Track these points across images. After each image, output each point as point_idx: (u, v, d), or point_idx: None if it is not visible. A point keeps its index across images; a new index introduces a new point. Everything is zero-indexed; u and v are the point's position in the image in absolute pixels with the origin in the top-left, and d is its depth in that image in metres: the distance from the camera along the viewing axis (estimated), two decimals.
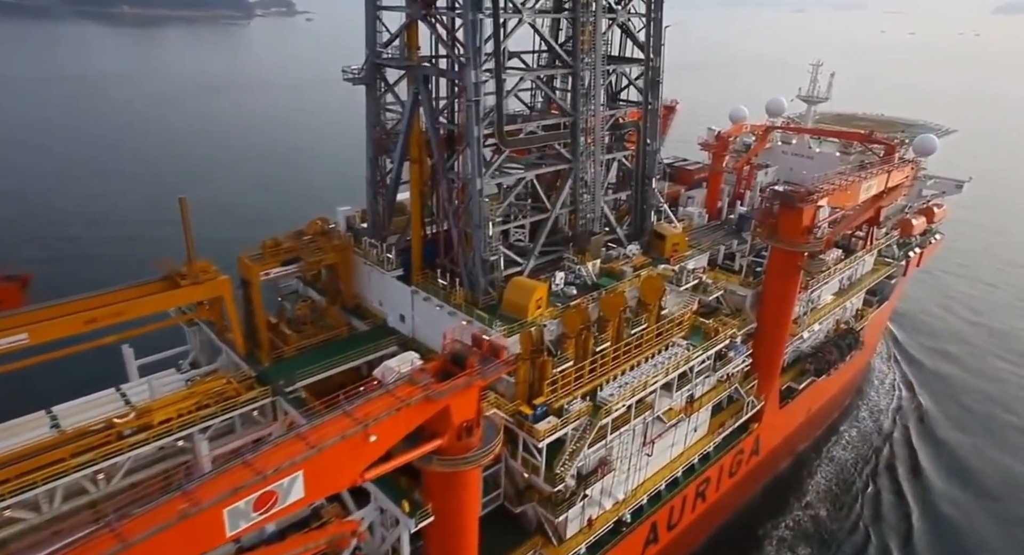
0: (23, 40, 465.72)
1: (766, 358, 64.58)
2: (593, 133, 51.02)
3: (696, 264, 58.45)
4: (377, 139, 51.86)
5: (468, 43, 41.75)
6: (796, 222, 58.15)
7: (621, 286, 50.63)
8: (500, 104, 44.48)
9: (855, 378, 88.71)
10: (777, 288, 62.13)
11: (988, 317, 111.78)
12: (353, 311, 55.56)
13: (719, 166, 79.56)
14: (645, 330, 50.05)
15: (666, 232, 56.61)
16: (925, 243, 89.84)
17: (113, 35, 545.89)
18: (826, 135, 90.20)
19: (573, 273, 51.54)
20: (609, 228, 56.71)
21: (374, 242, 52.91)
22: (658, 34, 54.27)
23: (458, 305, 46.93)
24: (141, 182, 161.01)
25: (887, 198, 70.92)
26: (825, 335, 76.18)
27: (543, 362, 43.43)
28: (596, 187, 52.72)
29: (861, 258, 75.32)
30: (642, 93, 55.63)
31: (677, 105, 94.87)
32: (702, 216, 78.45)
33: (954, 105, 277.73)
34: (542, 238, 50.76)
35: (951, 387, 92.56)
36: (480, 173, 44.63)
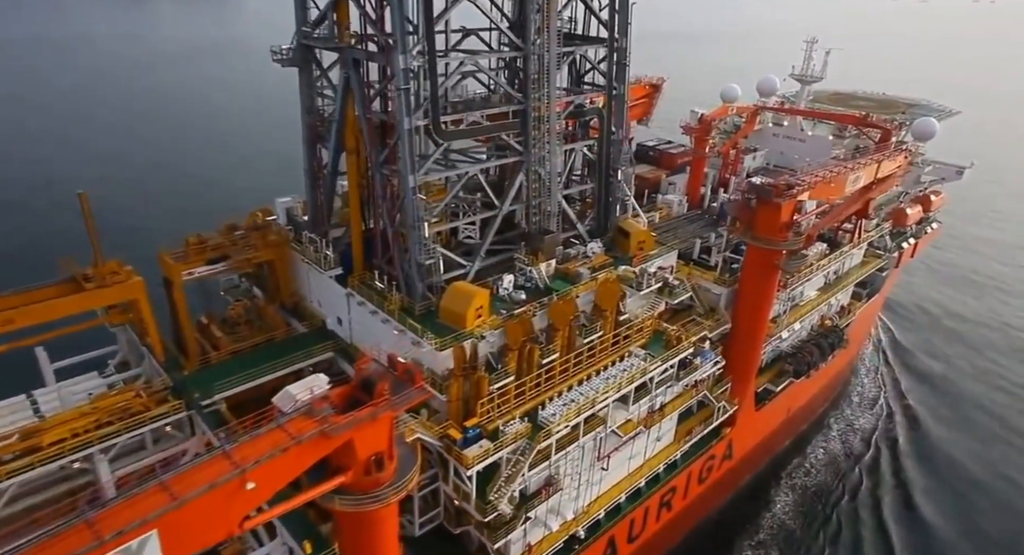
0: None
1: (740, 361, 60.54)
2: (547, 122, 46.35)
3: (664, 262, 54.05)
4: (312, 126, 47.38)
5: (394, 23, 37.06)
6: (774, 218, 53.67)
7: (575, 291, 46.40)
8: (435, 92, 39.83)
9: (842, 373, 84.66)
10: (753, 288, 57.86)
11: (986, 309, 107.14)
12: (292, 310, 51.70)
13: (702, 151, 74.74)
14: (600, 339, 46.07)
15: (630, 229, 52.15)
16: (920, 233, 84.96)
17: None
18: (819, 117, 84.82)
19: (524, 275, 47.34)
20: (569, 225, 52.28)
21: (314, 237, 48.76)
22: (624, 11, 49.17)
23: (392, 312, 42.89)
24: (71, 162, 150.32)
25: (877, 189, 66.04)
26: (809, 331, 71.98)
27: (478, 379, 39.52)
28: (552, 181, 48.21)
29: (848, 253, 70.68)
30: (605, 77, 50.67)
31: (663, 83, 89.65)
32: (682, 204, 73.88)
33: (964, 81, 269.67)
34: (489, 238, 46.47)
35: (940, 380, 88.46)
36: (413, 169, 40.23)
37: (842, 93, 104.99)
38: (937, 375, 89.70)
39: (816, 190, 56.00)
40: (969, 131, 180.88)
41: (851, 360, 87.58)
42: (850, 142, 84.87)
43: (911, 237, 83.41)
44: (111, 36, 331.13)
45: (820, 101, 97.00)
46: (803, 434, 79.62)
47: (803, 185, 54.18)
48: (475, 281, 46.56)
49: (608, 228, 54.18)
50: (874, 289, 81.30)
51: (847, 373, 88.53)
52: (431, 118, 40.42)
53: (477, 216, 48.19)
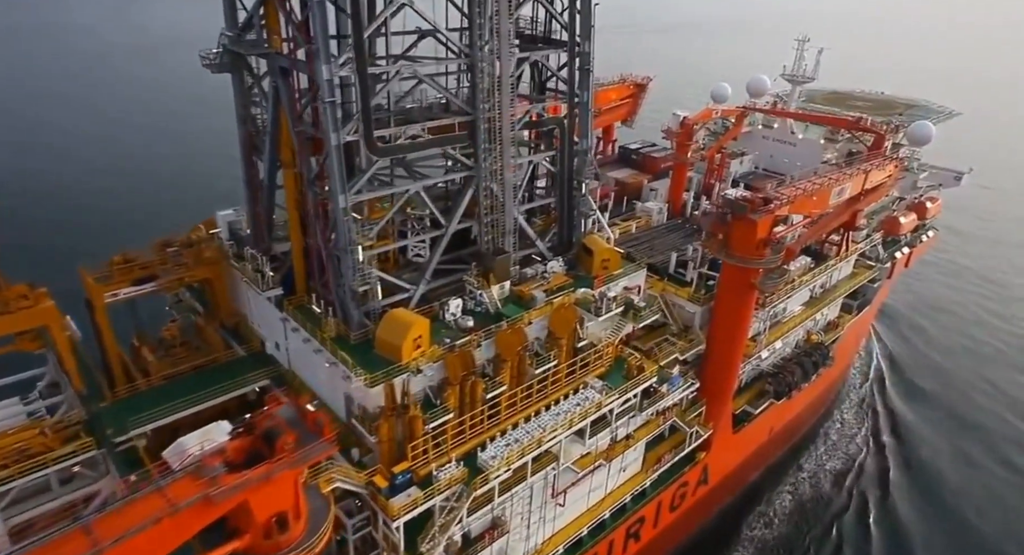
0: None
1: (716, 383, 57.00)
2: (500, 133, 42.67)
3: (631, 281, 50.39)
4: (247, 136, 43.84)
5: (315, 29, 33.40)
6: (749, 235, 50.00)
7: (527, 317, 42.88)
8: (366, 103, 36.13)
9: (831, 387, 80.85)
10: (729, 307, 54.25)
11: (986, 316, 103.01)
12: (233, 331, 48.38)
13: (683, 156, 70.77)
14: (554, 369, 42.58)
15: (594, 246, 48.46)
16: (915, 242, 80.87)
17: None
18: (808, 120, 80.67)
19: (474, 299, 43.83)
20: (529, 242, 48.67)
21: (255, 253, 45.35)
22: (586, 12, 45.29)
23: (326, 340, 39.48)
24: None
25: (866, 200, 62.12)
26: (793, 347, 68.26)
27: (411, 418, 36.12)
28: (506, 197, 44.56)
29: (835, 267, 66.79)
30: (567, 84, 46.85)
31: (649, 82, 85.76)
32: (662, 212, 70.18)
33: (967, 77, 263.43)
34: (434, 260, 42.89)
35: (934, 394, 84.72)
36: (344, 188, 36.66)
37: (840, 92, 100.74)
38: (931, 388, 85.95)
39: (796, 204, 52.20)
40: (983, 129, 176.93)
41: (842, 372, 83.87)
42: (843, 146, 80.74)
43: (905, 246, 79.40)
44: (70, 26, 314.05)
45: (816, 101, 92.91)
46: (790, 451, 76.22)
47: (781, 199, 50.44)
48: (422, 305, 43.15)
49: (572, 245, 50.48)
50: (866, 301, 77.39)
51: (838, 385, 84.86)
52: (363, 132, 36.77)
53: (427, 234, 44.59)
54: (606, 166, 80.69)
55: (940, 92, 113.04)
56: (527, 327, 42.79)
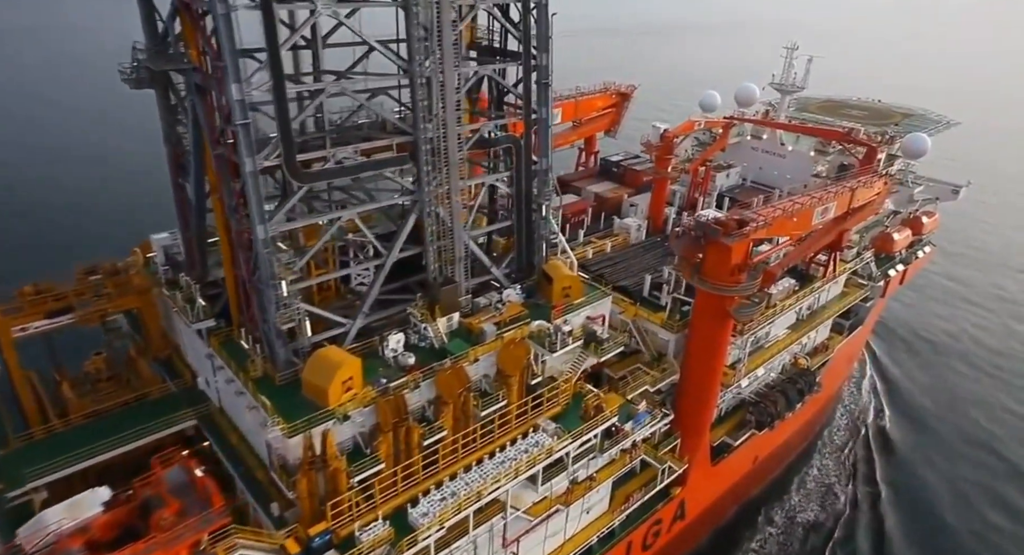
0: None
1: (691, 415, 53.32)
2: (446, 154, 39.18)
3: (595, 311, 46.74)
4: (175, 157, 40.51)
5: (221, 44, 29.97)
6: (723, 260, 46.32)
7: (474, 353, 39.33)
8: (285, 125, 32.69)
9: (823, 410, 76.79)
10: (704, 335, 50.53)
11: (986, 332, 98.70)
12: (166, 364, 45.04)
13: (663, 170, 67.06)
14: (504, 410, 39.02)
15: (554, 273, 44.87)
16: (910, 258, 76.90)
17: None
18: (797, 131, 76.81)
19: (418, 333, 40.33)
20: (484, 269, 45.15)
21: (189, 281, 42.01)
22: (543, 22, 41.72)
23: (249, 381, 36.04)
24: None
25: (853, 220, 58.30)
26: (779, 372, 64.44)
27: (333, 473, 32.61)
28: (455, 222, 41.04)
29: (823, 288, 62.92)
30: (522, 100, 43.27)
31: (633, 91, 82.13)
32: (641, 230, 66.52)
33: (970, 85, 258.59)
34: (375, 290, 39.36)
35: (931, 417, 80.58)
36: (262, 218, 33.22)
37: (835, 101, 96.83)
38: (929, 411, 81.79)
39: (775, 226, 48.49)
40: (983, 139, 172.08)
41: (834, 393, 79.89)
42: (834, 158, 76.94)
43: (900, 263, 75.44)
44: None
45: (809, 110, 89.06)
46: (778, 478, 72.34)
47: (758, 222, 46.75)
48: (362, 340, 39.65)
49: (532, 271, 46.91)
50: (858, 320, 73.44)
51: (831, 406, 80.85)
52: (284, 157, 33.31)
53: (372, 262, 41.08)
54: (586, 179, 77.20)
55: (940, 101, 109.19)
56: (474, 364, 39.36)
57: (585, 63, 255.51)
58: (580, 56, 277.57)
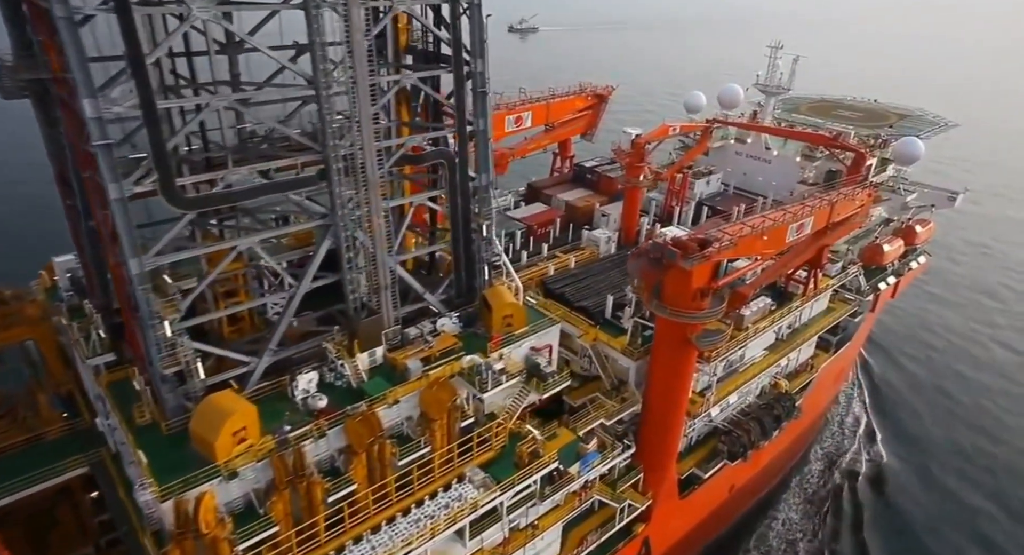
0: None
1: (655, 448, 49.18)
2: (363, 173, 34.93)
3: (540, 341, 42.43)
4: (59, 174, 36.40)
5: (68, 55, 25.78)
6: (683, 285, 42.02)
7: (394, 394, 35.16)
8: (159, 145, 28.47)
9: (808, 431, 72.17)
10: (666, 364, 46.32)
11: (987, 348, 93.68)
12: (67, 400, 41.08)
13: (635, 179, 62.52)
14: (427, 458, 34.84)
15: (494, 300, 40.57)
16: (903, 270, 72.13)
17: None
18: (780, 135, 72.09)
19: (334, 371, 36.19)
20: (417, 296, 40.92)
21: (92, 309, 38.07)
22: (476, 24, 37.29)
23: (130, 431, 32.03)
24: None
25: (833, 235, 53.69)
26: (757, 395, 60.01)
27: (212, 541, 28.53)
28: (377, 246, 36.80)
29: (803, 307, 58.33)
30: (454, 111, 38.87)
31: (611, 92, 77.48)
32: (611, 242, 62.09)
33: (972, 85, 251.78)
34: (283, 325, 35.15)
35: (926, 441, 75.92)
36: (134, 251, 29.08)
37: (828, 100, 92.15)
38: (923, 435, 77.14)
39: (742, 246, 44.04)
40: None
41: (822, 411, 75.37)
42: (821, 164, 72.15)
43: (892, 276, 70.72)
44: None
45: (800, 111, 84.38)
46: (761, 501, 68.11)
47: (722, 242, 42.32)
48: (275, 378, 35.51)
49: (474, 296, 42.65)
50: (846, 336, 68.84)
51: (818, 425, 76.32)
52: (159, 180, 29.12)
53: (287, 291, 36.89)
54: (558, 186, 72.81)
55: (940, 100, 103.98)
56: (393, 407, 35.21)
57: (573, 60, 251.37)
58: (571, 53, 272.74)
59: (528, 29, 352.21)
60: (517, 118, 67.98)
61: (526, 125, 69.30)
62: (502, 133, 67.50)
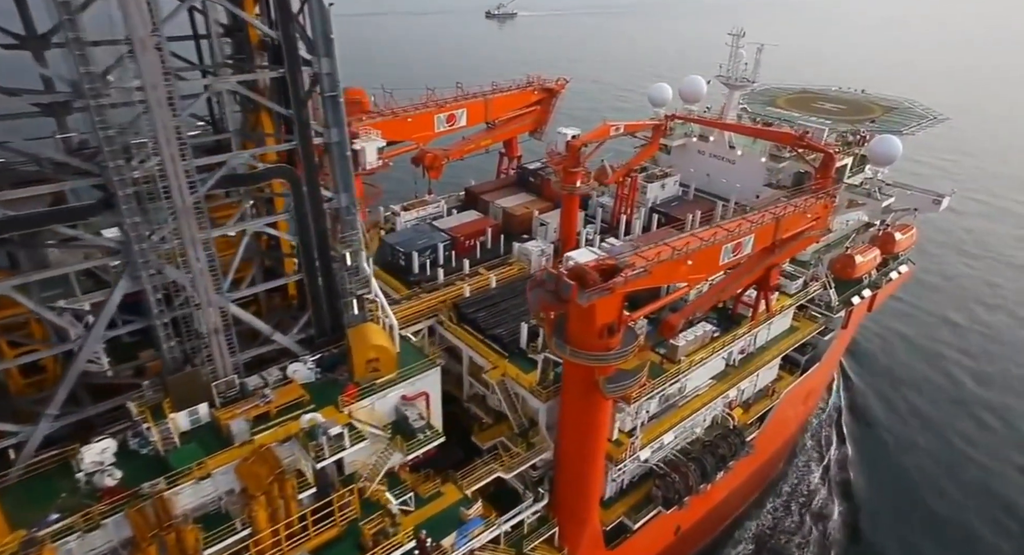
0: None
1: (570, 498, 42.82)
2: (170, 198, 28.51)
3: (413, 388, 35.91)
4: None
5: None
6: (587, 322, 35.39)
7: (206, 467, 28.91)
8: None
9: (771, 460, 65.20)
10: (577, 408, 39.72)
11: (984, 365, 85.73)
12: None
13: (571, 186, 55.54)
14: (241, 545, 28.62)
15: (355, 341, 34.10)
16: (880, 282, 64.74)
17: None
18: (738, 131, 64.62)
19: (139, 436, 30.01)
20: (264, 338, 34.53)
21: None
22: (318, 15, 30.55)
23: None
24: None
25: (784, 253, 46.61)
26: (708, 426, 53.31)
27: None
28: (198, 285, 30.43)
29: (756, 331, 51.36)
30: (292, 120, 32.14)
31: (563, 87, 70.39)
32: (546, 256, 55.22)
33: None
34: (64, 387, 28.95)
35: (904, 470, 68.68)
36: None
37: (809, 92, 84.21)
38: (906, 465, 69.89)
39: (658, 274, 37.24)
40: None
41: (789, 438, 68.39)
42: (789, 165, 64.66)
43: (867, 289, 63.37)
44: None
45: (777, 103, 76.64)
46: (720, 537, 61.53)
47: (634, 270, 35.55)
48: (66, 445, 29.39)
49: (338, 336, 36.21)
50: (816, 355, 61.80)
51: (786, 451, 69.42)
52: None
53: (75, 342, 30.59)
54: (498, 191, 65.95)
55: (935, 90, 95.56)
56: (207, 481, 28.96)
57: (551, 48, 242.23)
58: (550, 40, 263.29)
59: (506, 15, 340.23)
60: (449, 116, 61.33)
61: (460, 124, 62.63)
62: (431, 133, 61.02)
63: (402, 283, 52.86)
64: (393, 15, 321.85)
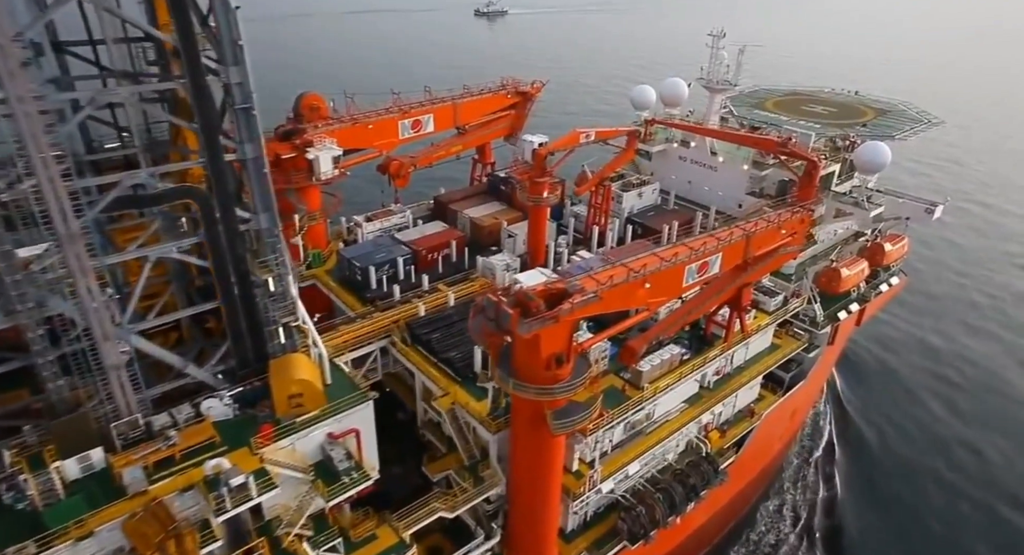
0: None
1: (525, 536, 39.67)
2: (50, 223, 25.45)
3: (341, 426, 32.70)
4: None
5: None
6: (531, 353, 32.20)
7: (91, 523, 25.84)
8: None
9: (753, 483, 61.72)
10: (527, 441, 36.54)
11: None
12: None
13: (537, 197, 52.32)
14: None
15: (276, 375, 31.00)
16: (869, 296, 61.24)
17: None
18: (717, 137, 61.23)
19: (15, 490, 26.93)
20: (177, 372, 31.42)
21: None
22: (225, 19, 27.38)
23: None
24: None
25: (756, 271, 43.22)
26: (682, 451, 50.01)
27: None
28: (91, 317, 27.34)
29: (732, 351, 48.01)
30: (201, 133, 28.98)
31: (539, 91, 67.07)
32: (512, 270, 51.98)
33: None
34: None
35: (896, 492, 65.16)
36: None
37: (801, 93, 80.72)
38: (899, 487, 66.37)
39: (612, 300, 33.97)
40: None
41: (773, 458, 64.93)
42: (773, 173, 61.23)
43: (854, 303, 59.90)
44: None
45: (766, 106, 73.21)
46: None
47: (585, 296, 32.34)
48: None
49: (261, 367, 33.08)
50: (801, 373, 58.35)
51: (771, 472, 66.02)
52: None
53: None
54: (468, 200, 62.70)
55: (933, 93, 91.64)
56: (89, 540, 25.89)
57: (540, 47, 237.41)
58: (540, 39, 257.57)
59: (496, 12, 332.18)
60: (414, 122, 58.13)
61: (427, 130, 59.41)
62: (395, 140, 57.84)
63: (358, 300, 49.91)
64: (379, 13, 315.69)
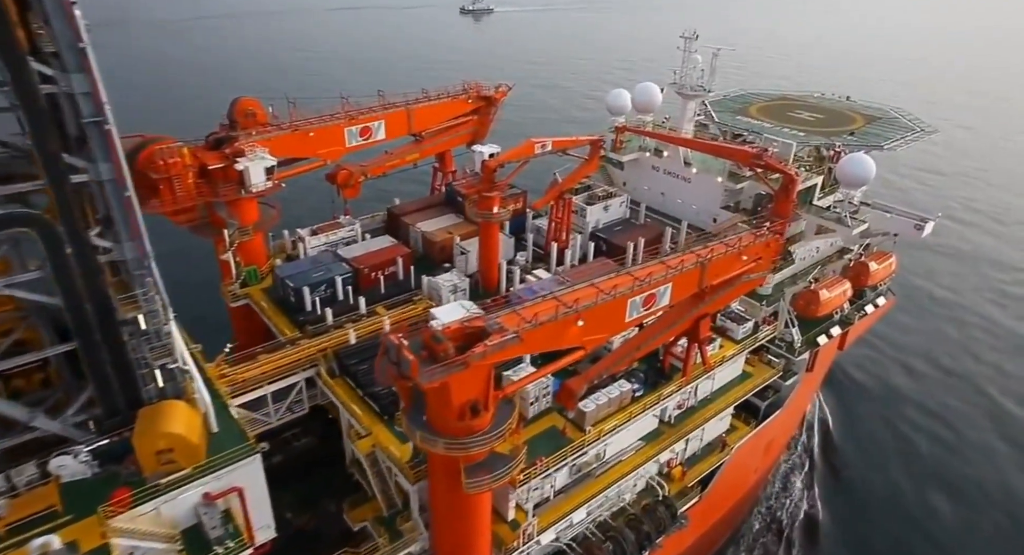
0: None
1: None
2: None
3: (219, 485, 28.36)
4: None
5: None
6: (440, 402, 27.90)
7: None
8: None
9: (726, 518, 57.14)
10: (446, 495, 32.17)
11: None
12: None
13: (487, 212, 47.90)
14: None
15: (142, 426, 26.77)
16: (852, 318, 56.47)
17: None
18: (689, 147, 56.65)
19: None
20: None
21: None
22: (59, 17, 23.10)
23: None
24: None
25: (715, 301, 38.63)
26: (640, 492, 45.56)
27: None
28: None
29: (697, 384, 43.48)
30: (38, 152, 24.70)
31: (504, 95, 62.63)
32: (460, 291, 47.68)
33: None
34: None
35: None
36: None
37: (789, 98, 76.22)
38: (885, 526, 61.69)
39: (535, 341, 29.54)
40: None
41: (747, 492, 60.24)
42: (749, 185, 56.61)
43: (836, 326, 55.18)
44: None
45: (749, 112, 68.63)
46: None
47: (504, 338, 27.96)
48: None
49: (132, 415, 28.81)
50: (778, 401, 53.73)
51: (746, 507, 61.43)
52: None
53: None
54: (423, 212, 58.30)
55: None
56: None
57: (524, 45, 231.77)
58: (526, 37, 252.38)
59: (482, 10, 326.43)
60: (363, 129, 53.76)
61: (378, 137, 54.98)
62: (341, 148, 53.47)
63: (291, 323, 45.68)
64: (366, 10, 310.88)
